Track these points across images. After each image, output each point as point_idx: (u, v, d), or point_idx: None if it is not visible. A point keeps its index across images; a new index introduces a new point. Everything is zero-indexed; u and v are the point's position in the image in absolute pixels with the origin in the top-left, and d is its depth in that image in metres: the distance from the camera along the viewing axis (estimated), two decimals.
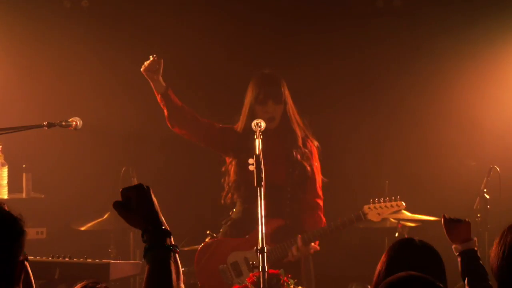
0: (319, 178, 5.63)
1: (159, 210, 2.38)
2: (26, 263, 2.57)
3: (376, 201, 5.40)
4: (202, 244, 5.56)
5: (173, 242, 2.60)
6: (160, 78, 5.49)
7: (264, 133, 4.73)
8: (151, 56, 5.46)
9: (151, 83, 5.53)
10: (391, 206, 5.41)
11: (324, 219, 5.54)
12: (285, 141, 5.55)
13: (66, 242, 6.58)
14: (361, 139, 7.19)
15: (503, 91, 7.22)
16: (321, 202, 5.62)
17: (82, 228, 6.41)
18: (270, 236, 5.39)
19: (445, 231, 3.60)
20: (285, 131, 5.56)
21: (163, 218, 2.37)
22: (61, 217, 6.81)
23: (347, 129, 7.21)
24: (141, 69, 5.47)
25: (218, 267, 5.41)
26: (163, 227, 2.36)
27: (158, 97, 5.55)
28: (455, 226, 3.57)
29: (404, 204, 5.43)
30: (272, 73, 5.67)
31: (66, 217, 6.74)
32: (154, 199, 2.39)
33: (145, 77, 5.50)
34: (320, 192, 5.62)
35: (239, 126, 5.60)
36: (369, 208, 5.39)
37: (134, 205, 2.35)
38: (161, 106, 5.57)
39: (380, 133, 7.21)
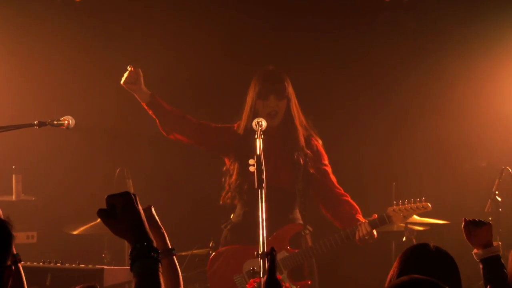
0: (330, 173, 5.61)
1: (145, 220, 2.36)
2: (20, 264, 2.56)
3: (400, 203, 5.31)
4: (213, 253, 5.57)
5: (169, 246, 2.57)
6: (142, 87, 5.50)
7: (266, 132, 4.71)
8: (128, 67, 5.47)
9: (134, 95, 5.54)
10: (417, 208, 5.32)
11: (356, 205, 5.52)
12: (287, 142, 5.53)
13: (58, 247, 6.59)
14: (367, 140, 7.16)
15: None
16: (342, 191, 5.59)
17: (75, 232, 6.38)
18: (289, 242, 5.40)
19: (465, 236, 3.54)
20: (288, 131, 5.54)
21: (148, 229, 2.36)
22: (53, 220, 6.82)
23: (353, 129, 7.18)
24: (121, 83, 5.49)
25: (232, 277, 5.40)
26: (150, 239, 2.33)
27: (145, 106, 5.56)
28: (476, 229, 3.51)
29: (430, 205, 5.34)
30: (276, 69, 5.66)
31: (57, 221, 6.73)
32: (141, 208, 2.38)
33: (127, 89, 5.52)
34: (336, 184, 5.60)
35: (241, 125, 5.58)
36: (393, 210, 5.29)
37: (119, 213, 2.33)
38: (151, 114, 5.58)
39: (387, 133, 7.17)
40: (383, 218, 5.29)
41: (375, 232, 5.29)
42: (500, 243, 3.50)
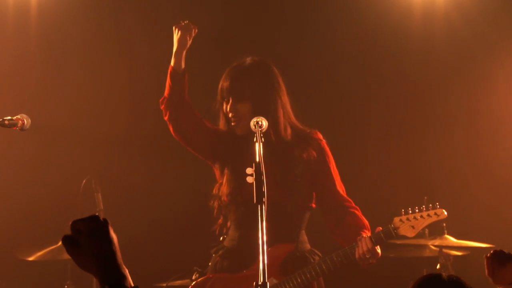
0: (338, 180, 5.56)
1: (117, 251, 2.36)
2: None
3: (410, 211, 5.27)
4: (193, 283, 5.49)
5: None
6: (185, 51, 5.43)
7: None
8: (182, 22, 5.42)
9: (175, 47, 5.43)
10: (428, 216, 5.25)
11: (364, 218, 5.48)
12: (279, 156, 5.45)
13: (10, 276, 6.55)
14: (395, 146, 7.18)
15: None
16: (351, 204, 5.54)
17: (31, 258, 6.38)
18: (280, 267, 5.33)
19: (486, 272, 3.61)
20: (275, 143, 5.46)
21: (121, 262, 2.36)
22: (3, 243, 6.78)
23: (380, 136, 7.23)
24: (174, 26, 5.41)
25: None
26: (122, 274, 2.33)
27: (169, 71, 5.46)
28: (500, 268, 3.58)
29: (445, 212, 5.25)
30: (244, 62, 5.57)
31: (9, 244, 6.71)
32: (113, 236, 2.38)
33: (174, 33, 5.42)
34: (344, 195, 5.54)
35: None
36: (400, 220, 5.24)
37: (84, 241, 2.33)
38: (167, 84, 5.48)
39: (416, 140, 7.20)
40: (389, 231, 5.21)
41: (378, 249, 5.20)
42: None
